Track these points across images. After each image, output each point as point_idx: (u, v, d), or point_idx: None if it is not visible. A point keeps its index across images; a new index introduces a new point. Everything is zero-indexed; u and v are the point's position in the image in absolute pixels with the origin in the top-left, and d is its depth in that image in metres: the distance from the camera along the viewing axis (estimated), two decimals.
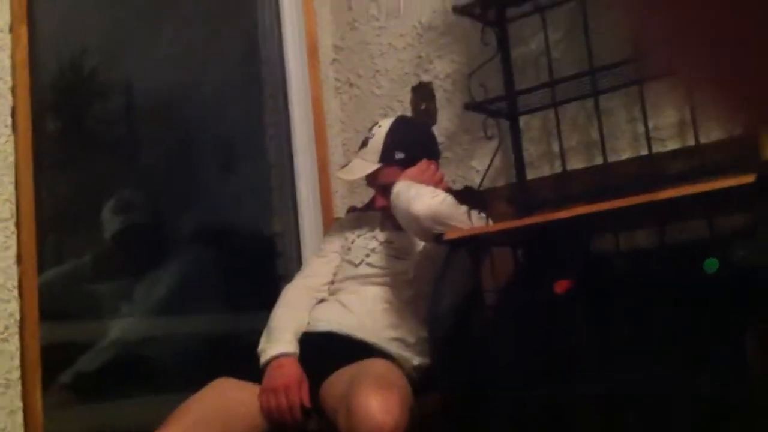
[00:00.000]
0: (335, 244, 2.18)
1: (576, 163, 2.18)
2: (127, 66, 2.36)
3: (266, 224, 2.61)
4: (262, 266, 2.55)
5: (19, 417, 1.74)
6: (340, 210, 2.58)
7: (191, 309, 2.33)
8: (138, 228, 2.28)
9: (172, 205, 2.42)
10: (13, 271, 1.80)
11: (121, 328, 2.20)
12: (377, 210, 2.14)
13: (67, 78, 2.20)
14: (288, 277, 2.21)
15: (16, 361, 1.76)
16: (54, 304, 1.93)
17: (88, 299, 2.17)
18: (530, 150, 2.24)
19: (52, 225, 2.04)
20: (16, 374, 1.76)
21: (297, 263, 2.48)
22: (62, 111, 2.19)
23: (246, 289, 2.45)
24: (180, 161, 2.46)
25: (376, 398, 1.58)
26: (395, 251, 2.06)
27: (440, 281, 1.95)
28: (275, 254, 2.57)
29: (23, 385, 1.76)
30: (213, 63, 2.59)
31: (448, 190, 2.03)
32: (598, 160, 2.14)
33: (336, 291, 2.06)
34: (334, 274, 2.10)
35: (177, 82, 2.48)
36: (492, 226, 1.97)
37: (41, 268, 1.89)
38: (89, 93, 2.28)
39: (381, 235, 2.10)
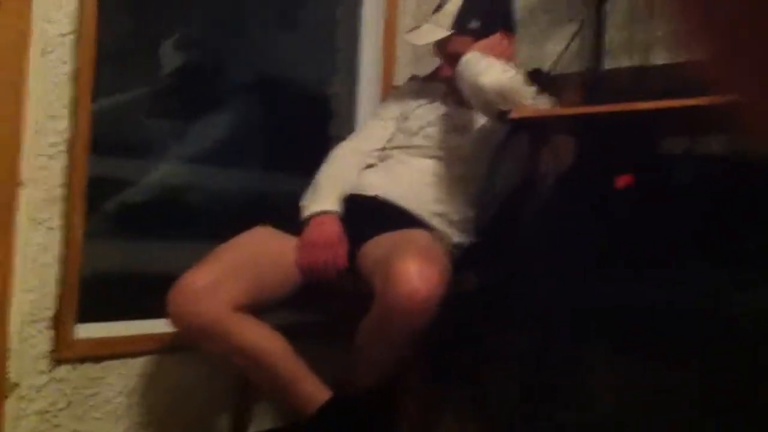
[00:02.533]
0: (394, 110, 2.10)
1: (659, 58, 2.04)
2: None
3: (325, 83, 2.53)
4: (315, 125, 2.49)
5: (60, 234, 1.75)
6: (400, 78, 2.48)
7: (239, 161, 2.30)
8: (197, 68, 2.22)
9: (234, 50, 2.34)
10: (67, 88, 1.77)
11: (168, 169, 2.17)
12: (441, 80, 2.05)
13: None
14: (339, 139, 2.15)
15: (61, 180, 1.75)
16: (104, 133, 1.90)
17: (140, 135, 2.14)
18: (612, 36, 2.10)
19: (112, 53, 1.99)
20: (60, 192, 1.75)
21: (350, 126, 2.42)
22: None
23: (296, 146, 2.40)
24: (246, 7, 2.37)
25: (415, 265, 1.55)
26: (453, 126, 1.98)
27: (496, 161, 1.88)
28: (330, 114, 2.51)
29: (67, 203, 1.75)
30: None
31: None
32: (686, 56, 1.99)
33: (386, 158, 2.00)
34: (388, 141, 2.04)
35: None
36: (559, 109, 1.87)
37: (96, 94, 1.85)
38: None
39: (441, 108, 2.02)
